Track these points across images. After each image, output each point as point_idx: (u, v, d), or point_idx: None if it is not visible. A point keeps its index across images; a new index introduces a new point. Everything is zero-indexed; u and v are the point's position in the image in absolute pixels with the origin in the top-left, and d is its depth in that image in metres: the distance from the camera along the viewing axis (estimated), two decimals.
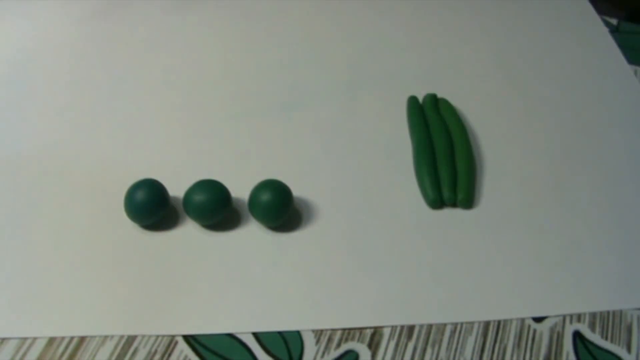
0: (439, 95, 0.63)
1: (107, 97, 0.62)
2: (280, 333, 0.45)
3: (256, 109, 0.62)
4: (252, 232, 0.51)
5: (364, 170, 0.56)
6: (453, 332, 0.46)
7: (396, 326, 0.46)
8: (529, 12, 0.78)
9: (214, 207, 0.50)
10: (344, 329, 0.46)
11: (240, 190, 0.52)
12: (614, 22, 0.77)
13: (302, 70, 0.67)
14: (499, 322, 0.47)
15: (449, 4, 0.78)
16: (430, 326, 0.46)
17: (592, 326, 0.47)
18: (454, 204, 0.54)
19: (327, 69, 0.68)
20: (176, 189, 0.51)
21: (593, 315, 0.47)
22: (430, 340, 0.45)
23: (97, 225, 0.51)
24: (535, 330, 0.46)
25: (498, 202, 0.54)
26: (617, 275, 0.50)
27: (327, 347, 0.45)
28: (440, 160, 0.56)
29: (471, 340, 0.45)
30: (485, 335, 0.46)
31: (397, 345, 0.45)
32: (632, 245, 0.51)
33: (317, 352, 0.44)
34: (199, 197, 0.49)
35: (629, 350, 0.45)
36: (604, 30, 0.75)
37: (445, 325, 0.46)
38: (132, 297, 0.46)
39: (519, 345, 0.45)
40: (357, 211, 0.53)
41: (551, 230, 0.52)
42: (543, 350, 0.45)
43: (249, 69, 0.67)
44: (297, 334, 0.45)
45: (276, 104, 0.63)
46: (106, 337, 0.44)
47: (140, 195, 0.49)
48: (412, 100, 0.62)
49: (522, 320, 0.47)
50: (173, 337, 0.45)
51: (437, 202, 0.53)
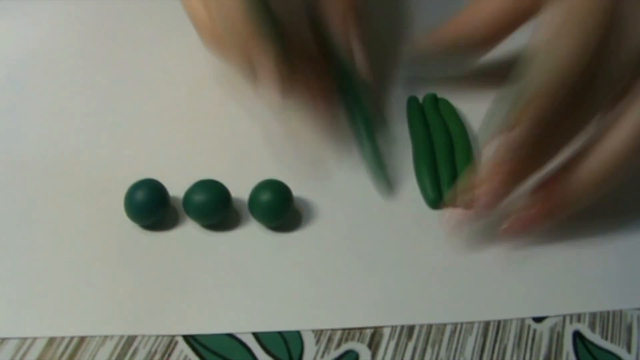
0: (439, 95, 0.63)
1: (107, 97, 0.61)
2: (280, 333, 0.45)
3: (256, 109, 0.62)
4: (252, 232, 0.51)
5: (364, 170, 0.56)
6: (453, 332, 0.46)
7: (396, 326, 0.46)
8: None
9: (214, 207, 0.50)
10: (344, 329, 0.46)
11: (240, 190, 0.52)
12: None
13: None
14: (499, 322, 0.47)
15: (449, 3, 0.78)
16: (430, 326, 0.46)
17: (592, 326, 0.47)
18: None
19: None
20: (176, 189, 0.51)
21: (593, 315, 0.47)
22: (430, 340, 0.45)
23: (97, 225, 0.51)
24: (535, 330, 0.46)
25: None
26: (617, 275, 0.50)
27: (327, 347, 0.45)
28: (440, 160, 0.56)
29: (471, 340, 0.45)
30: (485, 335, 0.46)
31: (397, 345, 0.45)
32: (632, 245, 0.51)
33: (317, 352, 0.44)
34: (199, 197, 0.49)
35: (629, 350, 0.45)
36: None
37: (445, 325, 0.46)
38: (132, 297, 0.46)
39: (519, 345, 0.45)
40: (357, 211, 0.53)
41: (551, 230, 0.52)
42: (543, 350, 0.45)
43: None
44: (297, 334, 0.45)
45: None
46: (106, 337, 0.44)
47: (140, 195, 0.49)
48: (412, 100, 0.62)
49: (522, 320, 0.47)
50: (173, 337, 0.45)
51: (437, 202, 0.53)
